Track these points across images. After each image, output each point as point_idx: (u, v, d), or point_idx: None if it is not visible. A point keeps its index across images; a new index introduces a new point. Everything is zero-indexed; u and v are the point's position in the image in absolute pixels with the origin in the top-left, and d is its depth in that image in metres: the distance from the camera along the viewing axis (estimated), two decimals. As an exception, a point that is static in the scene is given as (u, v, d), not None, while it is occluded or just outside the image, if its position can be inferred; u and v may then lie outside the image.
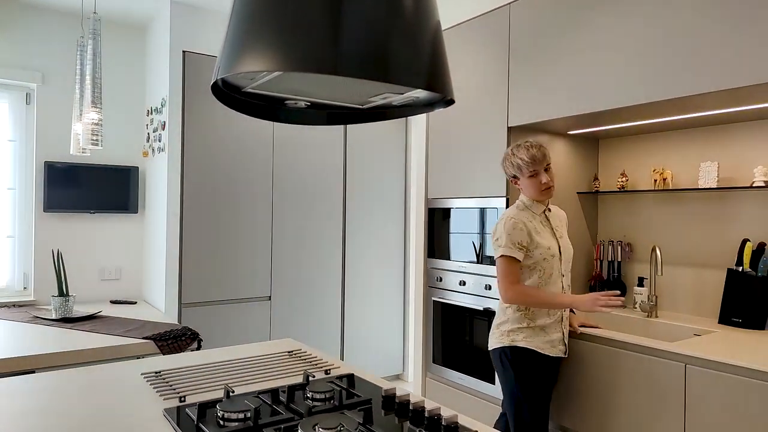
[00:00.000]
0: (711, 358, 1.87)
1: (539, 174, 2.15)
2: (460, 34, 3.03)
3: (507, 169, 2.23)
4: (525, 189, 2.20)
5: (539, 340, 2.12)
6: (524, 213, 2.18)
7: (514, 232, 2.11)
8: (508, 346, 2.13)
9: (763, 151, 2.36)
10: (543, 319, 2.14)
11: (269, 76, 1.13)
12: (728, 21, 1.91)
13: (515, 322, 2.14)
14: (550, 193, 2.18)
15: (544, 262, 2.12)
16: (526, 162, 2.14)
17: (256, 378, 1.61)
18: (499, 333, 2.18)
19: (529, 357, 2.10)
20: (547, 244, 2.14)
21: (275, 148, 3.66)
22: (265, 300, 3.61)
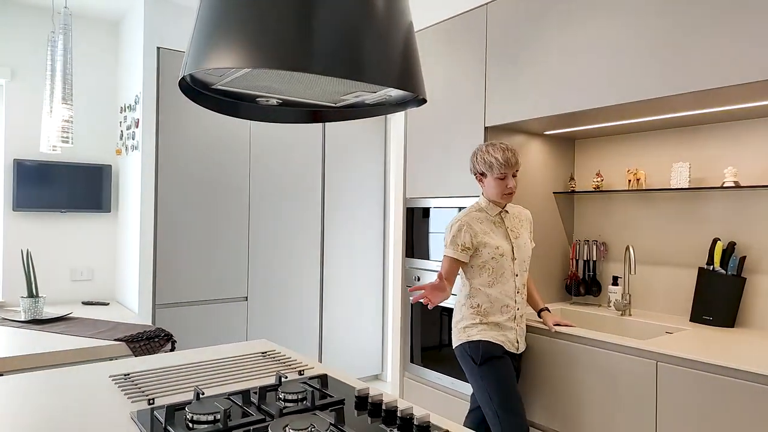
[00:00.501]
0: (681, 356, 1.90)
1: (507, 177, 2.21)
2: (438, 34, 3.03)
3: (476, 165, 2.26)
4: (488, 188, 2.25)
5: (494, 333, 2.21)
6: (478, 214, 2.25)
7: (459, 234, 2.20)
8: (467, 341, 2.22)
9: (733, 152, 2.41)
10: (495, 316, 2.22)
11: (239, 73, 1.12)
12: (699, 24, 1.94)
13: (469, 319, 2.23)
14: (510, 198, 2.26)
15: (492, 261, 2.19)
16: (499, 163, 2.18)
17: (228, 379, 1.58)
18: (458, 330, 2.26)
19: (488, 348, 2.18)
20: (495, 244, 2.20)
21: (252, 146, 3.63)
22: (242, 300, 3.58)
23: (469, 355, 2.21)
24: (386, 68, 1.10)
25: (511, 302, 2.23)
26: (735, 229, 2.39)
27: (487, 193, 2.27)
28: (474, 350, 2.19)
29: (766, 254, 2.29)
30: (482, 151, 2.23)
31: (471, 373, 2.22)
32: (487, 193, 2.26)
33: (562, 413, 2.29)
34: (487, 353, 2.18)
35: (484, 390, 2.18)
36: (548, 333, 2.34)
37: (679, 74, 1.99)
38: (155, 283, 3.26)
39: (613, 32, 2.21)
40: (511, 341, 2.23)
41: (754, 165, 2.34)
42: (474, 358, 2.19)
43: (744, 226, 2.36)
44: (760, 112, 2.23)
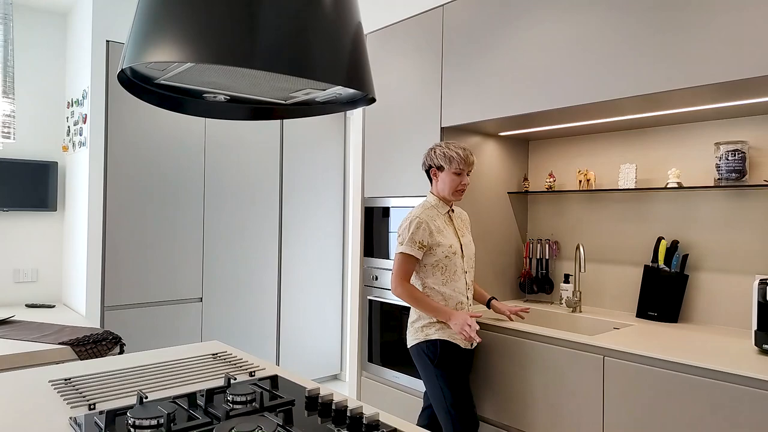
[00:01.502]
0: (627, 350, 1.96)
1: (463, 174, 2.25)
2: (395, 34, 3.04)
3: (434, 158, 2.28)
4: (442, 183, 2.27)
5: (451, 331, 2.22)
6: (430, 211, 2.27)
7: (417, 232, 2.20)
8: (424, 341, 2.22)
9: (677, 154, 2.50)
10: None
11: (181, 67, 1.09)
12: (646, 31, 2.01)
13: (426, 318, 2.24)
14: (460, 196, 2.29)
15: (446, 259, 2.22)
16: (460, 157, 2.23)
17: (175, 382, 1.54)
18: (414, 330, 2.27)
19: (445, 348, 2.19)
20: (448, 243, 2.23)
21: (207, 143, 3.55)
22: (197, 301, 3.50)
23: (426, 354, 2.22)
24: (334, 66, 1.09)
25: (464, 299, 2.27)
26: (678, 228, 2.49)
27: (439, 188, 2.29)
28: (431, 349, 2.21)
29: (706, 252, 2.39)
30: (441, 146, 2.28)
31: (426, 373, 2.23)
32: (440, 188, 2.29)
33: (513, 408, 2.33)
34: (444, 352, 2.19)
35: (438, 389, 2.19)
36: (499, 330, 2.38)
37: (628, 77, 2.06)
38: (104, 284, 3.15)
39: (564, 37, 2.26)
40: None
41: (695, 167, 2.44)
42: (431, 357, 2.20)
43: (686, 225, 2.46)
44: (701, 116, 2.32)
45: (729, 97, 2.01)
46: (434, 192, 2.33)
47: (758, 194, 2.25)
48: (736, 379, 1.71)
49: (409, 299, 2.19)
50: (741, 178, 2.22)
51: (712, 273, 2.37)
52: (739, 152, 2.22)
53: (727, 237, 2.33)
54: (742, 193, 2.29)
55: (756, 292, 1.91)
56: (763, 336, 1.88)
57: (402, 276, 2.20)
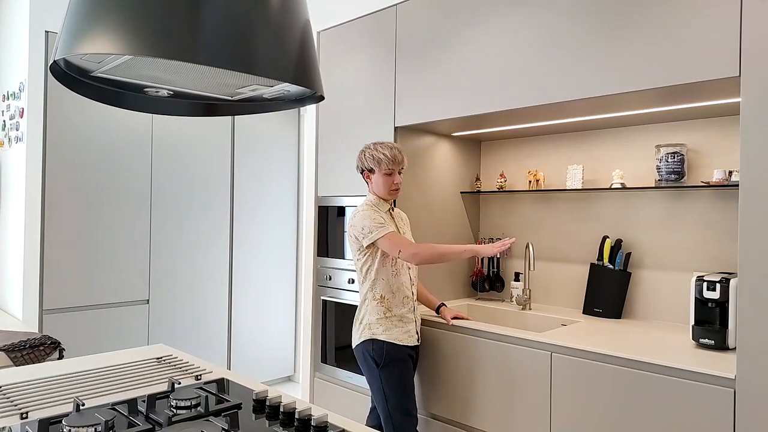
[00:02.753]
0: (573, 346, 2.01)
1: (394, 174, 2.29)
2: (348, 32, 3.02)
3: (364, 161, 2.31)
4: (376, 185, 2.30)
5: (397, 331, 2.23)
6: (374, 207, 2.29)
7: (377, 216, 2.23)
8: (369, 339, 2.22)
9: (621, 156, 2.59)
10: (398, 309, 2.25)
11: (119, 60, 1.04)
12: (592, 35, 2.07)
13: (373, 314, 2.24)
14: (396, 195, 2.33)
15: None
16: (387, 159, 2.25)
17: (116, 388, 1.48)
18: (361, 328, 2.26)
19: (391, 351, 2.20)
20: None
21: (155, 141, 3.44)
22: (143, 303, 3.38)
23: (371, 356, 2.21)
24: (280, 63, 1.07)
25: (409, 293, 2.30)
26: (622, 227, 2.58)
27: (375, 190, 2.32)
28: (377, 351, 2.21)
29: (647, 250, 2.49)
30: (370, 149, 2.30)
31: (370, 374, 2.23)
32: (375, 190, 2.32)
33: (464, 405, 2.36)
34: (390, 356, 2.20)
35: (380, 391, 2.20)
36: (450, 327, 2.41)
37: (576, 81, 2.11)
38: (42, 286, 3.00)
39: (515, 40, 2.31)
40: (412, 334, 2.29)
41: (638, 168, 2.53)
42: (376, 359, 2.20)
43: (629, 224, 2.55)
44: (644, 119, 2.41)
45: (669, 102, 2.09)
46: (372, 192, 2.35)
47: (696, 195, 2.35)
48: (674, 372, 1.78)
49: (432, 253, 2.14)
50: (680, 179, 2.31)
51: (653, 270, 2.47)
52: (678, 154, 2.31)
53: (667, 236, 2.43)
54: (680, 194, 2.39)
55: (693, 289, 2.00)
56: (700, 330, 1.97)
57: (406, 243, 2.16)
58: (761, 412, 1.61)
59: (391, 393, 2.18)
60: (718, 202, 2.29)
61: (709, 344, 1.94)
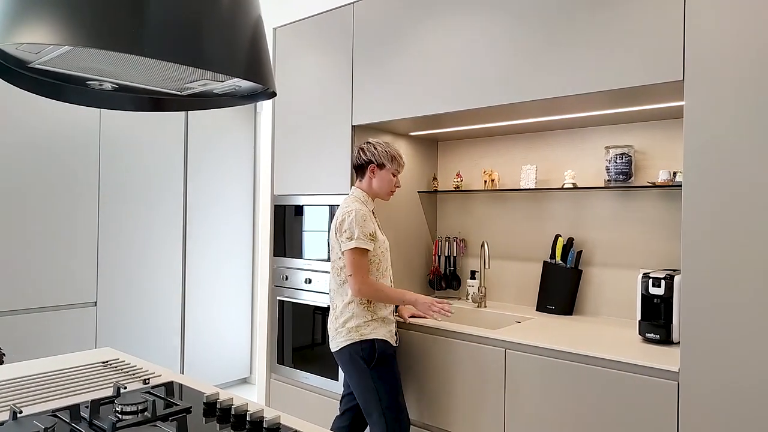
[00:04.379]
0: (526, 343, 2.05)
1: (397, 176, 2.30)
2: (305, 29, 2.99)
3: (377, 155, 2.24)
4: (380, 181, 2.25)
5: (384, 331, 2.19)
6: (364, 206, 2.23)
7: (365, 224, 2.14)
8: (358, 341, 2.14)
9: (572, 157, 2.66)
10: (383, 311, 2.22)
11: (58, 50, 1.00)
12: (544, 38, 2.11)
13: (361, 317, 2.17)
14: (390, 197, 2.32)
15: (381, 255, 2.22)
16: (401, 159, 2.28)
17: (57, 394, 1.42)
18: (347, 330, 2.16)
19: (383, 347, 2.16)
20: (383, 239, 2.25)
21: (103, 136, 3.31)
22: (90, 306, 3.25)
23: (361, 357, 2.13)
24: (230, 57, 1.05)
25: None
26: (573, 226, 2.65)
27: (374, 186, 2.26)
28: (368, 350, 2.13)
29: (597, 248, 2.56)
30: (381, 145, 2.26)
31: (361, 375, 2.13)
32: (375, 186, 2.26)
33: (421, 403, 2.37)
34: (381, 353, 2.15)
35: (373, 391, 2.12)
36: (405, 326, 2.41)
37: (529, 83, 2.15)
38: (-19, 289, 2.85)
39: (469, 42, 2.33)
40: (394, 335, 2.26)
41: (588, 168, 2.61)
42: (367, 358, 2.13)
43: (580, 223, 2.62)
44: (594, 121, 2.48)
45: (616, 104, 2.16)
46: (364, 188, 2.27)
47: (642, 195, 2.44)
48: (622, 366, 1.84)
49: (377, 295, 2.13)
50: (627, 179, 2.39)
51: (603, 268, 2.54)
52: (626, 156, 2.39)
53: (616, 234, 2.51)
54: (628, 194, 2.48)
55: (639, 285, 2.07)
56: (646, 325, 2.04)
57: (363, 272, 2.11)
58: (703, 403, 1.68)
59: (385, 392, 2.12)
60: (663, 201, 2.38)
61: (655, 339, 2.02)
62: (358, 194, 2.27)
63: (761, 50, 1.60)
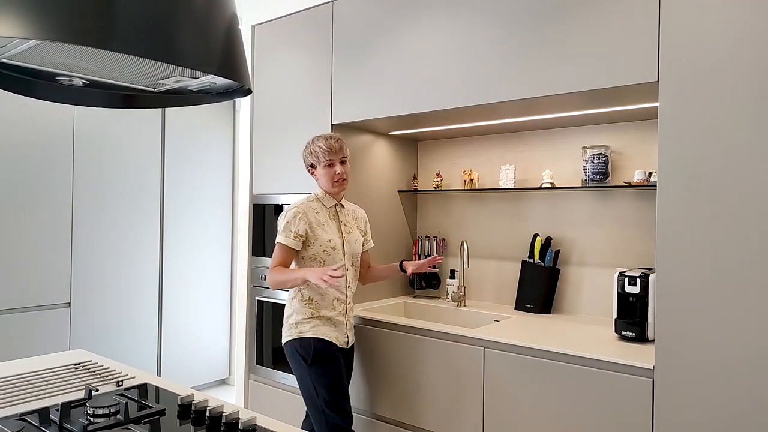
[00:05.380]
0: (505, 341, 2.06)
1: (335, 164, 2.22)
2: (285, 27, 2.97)
3: (306, 158, 2.28)
4: (320, 179, 2.25)
5: (326, 329, 2.18)
6: (314, 204, 2.24)
7: (294, 221, 2.16)
8: (297, 338, 2.16)
9: (551, 157, 2.68)
10: (327, 310, 2.19)
11: (25, 44, 0.97)
12: (523, 39, 2.12)
13: (301, 314, 2.18)
14: (343, 186, 2.25)
15: (324, 254, 2.19)
16: (323, 150, 2.20)
17: (26, 397, 1.38)
18: (288, 326, 2.20)
19: (319, 346, 2.14)
20: (327, 238, 2.20)
21: (77, 134, 3.25)
22: (64, 307, 3.19)
23: (299, 354, 2.16)
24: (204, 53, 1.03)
25: (342, 296, 2.23)
26: (551, 225, 2.67)
27: (321, 185, 2.27)
28: (305, 348, 2.15)
29: (574, 247, 2.59)
30: (309, 144, 2.26)
31: (300, 372, 2.18)
32: (321, 184, 2.27)
33: (402, 403, 2.37)
34: (318, 351, 2.15)
35: (311, 388, 2.15)
36: (385, 325, 2.41)
37: (508, 83, 2.16)
38: (-51, 290, 2.77)
39: (448, 41, 2.34)
40: (342, 337, 2.23)
41: (566, 168, 2.63)
42: (304, 356, 2.15)
43: (558, 222, 2.64)
44: (571, 122, 2.51)
45: (593, 105, 2.18)
46: (320, 187, 2.30)
47: (618, 194, 2.47)
48: (598, 364, 1.86)
49: (278, 284, 2.09)
50: (604, 179, 2.42)
51: (580, 267, 2.57)
52: (602, 156, 2.42)
53: (593, 233, 2.54)
54: (605, 194, 2.51)
55: (615, 284, 2.10)
56: (622, 324, 2.07)
57: (273, 264, 2.13)
58: (677, 400, 1.71)
59: (323, 390, 2.13)
60: (638, 201, 2.41)
61: (631, 336, 2.04)
62: (316, 192, 2.29)
63: (734, 52, 1.63)
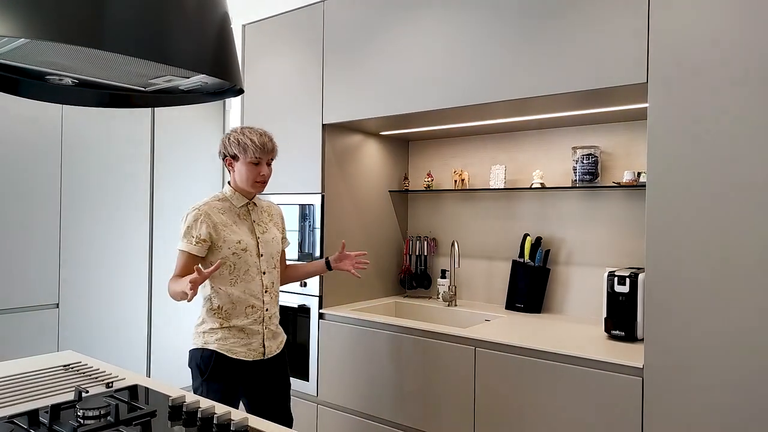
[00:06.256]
0: (496, 341, 2.07)
1: (261, 164, 2.01)
2: (275, 27, 2.96)
3: (228, 146, 2.01)
4: (239, 174, 2.01)
5: (234, 343, 1.95)
6: (220, 204, 2.01)
7: (195, 225, 1.93)
8: (200, 347, 1.95)
9: (541, 157, 2.70)
10: (239, 319, 1.97)
11: (13, 43, 0.96)
12: (515, 40, 2.13)
13: (210, 323, 1.97)
14: (261, 188, 2.05)
15: (233, 257, 1.96)
16: (255, 146, 1.97)
17: (15, 400, 1.37)
18: (196, 334, 2.00)
19: (220, 362, 1.93)
20: (236, 239, 1.97)
21: (65, 133, 3.22)
22: (52, 308, 3.15)
23: (197, 365, 1.95)
24: (196, 53, 1.02)
25: (257, 302, 1.99)
26: (541, 225, 2.68)
27: (237, 180, 2.02)
28: (205, 361, 1.93)
29: (564, 247, 2.61)
30: (236, 132, 2.01)
31: (195, 383, 1.98)
32: (237, 180, 2.02)
33: (393, 403, 2.37)
34: (218, 367, 1.93)
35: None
36: (375, 325, 2.41)
37: (498, 84, 2.17)
38: (-66, 291, 2.73)
39: (440, 42, 2.34)
40: (256, 348, 1.99)
41: (556, 169, 2.65)
42: (202, 368, 1.94)
43: (548, 222, 2.66)
44: (561, 122, 2.52)
45: (583, 106, 2.20)
46: (231, 183, 2.06)
47: (608, 195, 2.49)
48: (588, 363, 1.87)
49: (171, 294, 1.87)
50: (594, 179, 2.44)
51: (570, 266, 2.59)
52: (592, 156, 2.44)
53: (582, 233, 2.56)
54: (594, 194, 2.53)
55: (605, 283, 2.11)
56: (612, 323, 2.08)
57: (174, 275, 1.92)
58: (666, 398, 1.72)
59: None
60: (627, 201, 2.43)
61: (620, 335, 2.06)
62: (225, 189, 2.07)
63: (722, 54, 1.65)
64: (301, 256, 2.79)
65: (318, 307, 2.69)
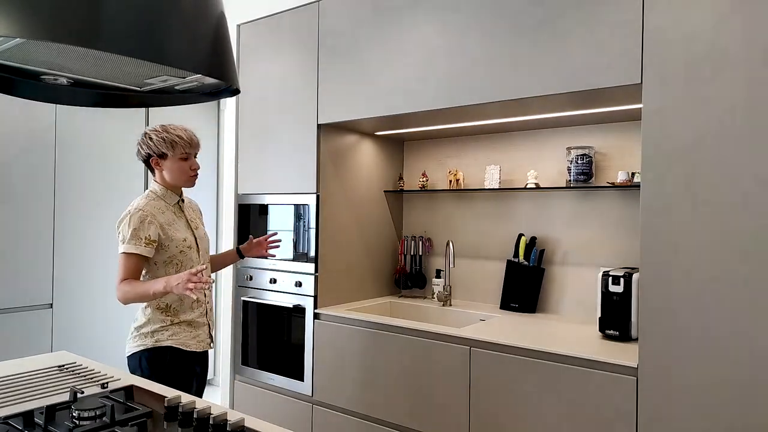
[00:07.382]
0: (490, 341, 2.08)
1: (191, 158, 2.05)
2: (270, 26, 2.96)
3: (154, 146, 2.00)
4: (170, 173, 2.02)
5: (186, 336, 2.01)
6: (156, 203, 2.01)
7: (143, 226, 1.91)
8: (151, 347, 1.95)
9: (535, 157, 2.71)
10: (187, 314, 2.02)
11: (9, 43, 0.96)
12: (508, 41, 2.14)
13: (158, 322, 1.97)
14: (194, 182, 2.08)
15: (181, 255, 2.00)
16: (184, 141, 2.00)
17: (10, 400, 1.36)
18: (140, 336, 1.98)
19: (175, 355, 1.97)
20: (182, 237, 2.01)
21: (59, 133, 3.20)
22: (45, 308, 3.14)
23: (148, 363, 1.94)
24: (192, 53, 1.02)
25: (201, 296, 2.06)
26: (536, 225, 2.69)
27: (168, 178, 2.03)
28: (160, 358, 1.94)
29: (559, 247, 2.62)
30: (158, 131, 2.00)
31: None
32: (170, 178, 2.03)
33: (388, 403, 2.38)
34: (174, 361, 1.97)
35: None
36: (369, 325, 2.42)
37: (491, 85, 2.18)
38: (-74, 292, 2.71)
39: (434, 43, 2.34)
40: (204, 339, 2.07)
41: (551, 169, 2.66)
42: (156, 366, 1.94)
43: (543, 222, 2.67)
44: (556, 123, 2.53)
45: (577, 106, 2.21)
46: (160, 182, 2.06)
47: (602, 195, 2.50)
48: (583, 362, 1.88)
49: (132, 300, 1.86)
50: (588, 180, 2.45)
51: (565, 266, 2.60)
52: (586, 156, 2.45)
53: (577, 233, 2.57)
54: (589, 194, 2.54)
55: (599, 283, 2.13)
56: (606, 322, 2.10)
57: (120, 278, 1.89)
58: (660, 397, 1.74)
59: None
60: (622, 201, 2.45)
61: (614, 335, 2.07)
62: (154, 189, 2.05)
63: (717, 55, 1.66)
64: (296, 256, 2.79)
65: (313, 307, 2.69)
